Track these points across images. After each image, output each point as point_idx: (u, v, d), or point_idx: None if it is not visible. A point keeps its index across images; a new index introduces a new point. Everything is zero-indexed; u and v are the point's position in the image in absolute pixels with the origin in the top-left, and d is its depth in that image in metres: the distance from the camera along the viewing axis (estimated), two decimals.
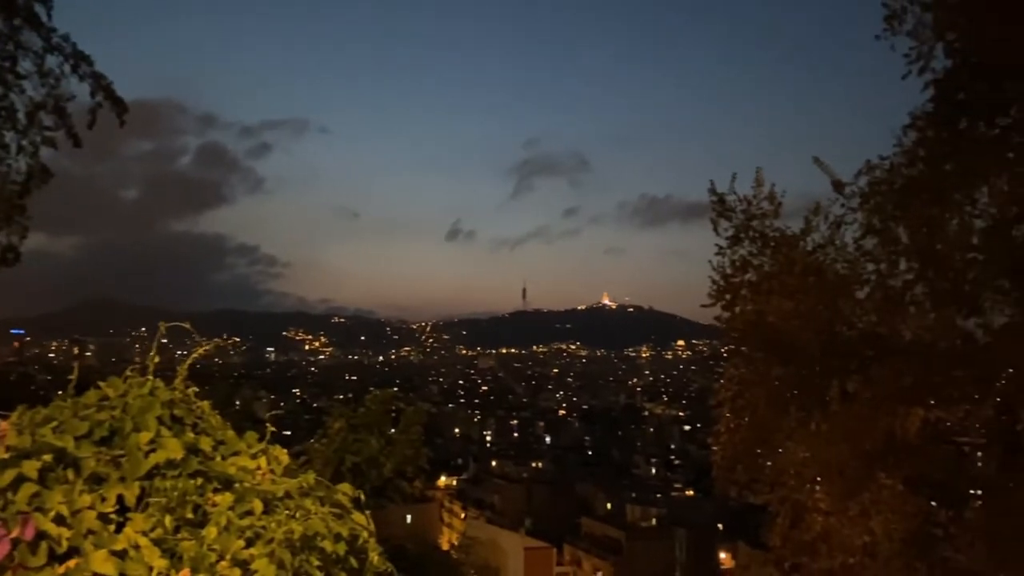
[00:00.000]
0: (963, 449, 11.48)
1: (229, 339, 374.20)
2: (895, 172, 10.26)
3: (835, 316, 11.09)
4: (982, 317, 10.20)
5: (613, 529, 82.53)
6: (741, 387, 11.70)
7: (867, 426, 10.02)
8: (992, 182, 9.81)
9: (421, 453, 21.04)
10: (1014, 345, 9.68)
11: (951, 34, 9.77)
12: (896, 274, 10.54)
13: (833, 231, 11.20)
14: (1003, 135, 9.84)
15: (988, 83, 9.65)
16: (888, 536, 10.00)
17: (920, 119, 10.07)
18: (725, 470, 12.06)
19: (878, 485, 10.08)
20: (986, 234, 10.02)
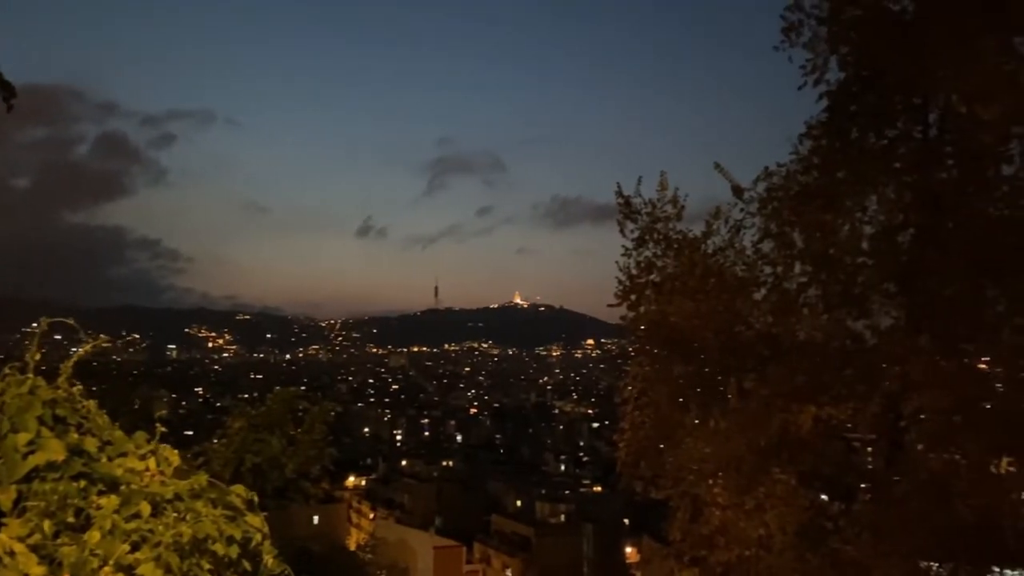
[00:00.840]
0: (852, 444, 11.99)
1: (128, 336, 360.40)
2: (791, 179, 10.69)
3: (734, 316, 11.47)
4: (870, 319, 10.74)
5: (522, 526, 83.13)
6: (645, 385, 11.99)
7: (762, 422, 10.39)
8: (880, 190, 10.34)
9: (325, 453, 20.73)
10: (899, 345, 10.20)
11: (844, 48, 10.26)
12: (791, 277, 10.98)
13: (733, 235, 11.60)
14: (891, 146, 10.40)
15: (877, 96, 10.18)
16: (782, 529, 10.38)
17: (815, 128, 10.54)
18: (629, 466, 12.32)
19: (772, 479, 10.46)
20: (874, 240, 10.55)
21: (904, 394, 10.18)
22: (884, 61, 9.96)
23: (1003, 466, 10.51)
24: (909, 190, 10.10)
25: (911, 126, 10.39)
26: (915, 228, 10.26)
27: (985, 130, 9.41)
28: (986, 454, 10.10)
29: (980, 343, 10.17)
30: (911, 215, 10.17)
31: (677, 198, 11.87)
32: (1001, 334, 10.06)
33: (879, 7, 10.21)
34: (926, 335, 10.29)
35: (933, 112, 10.30)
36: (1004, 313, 10.00)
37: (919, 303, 10.26)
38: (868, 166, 10.14)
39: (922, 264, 10.04)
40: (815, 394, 10.48)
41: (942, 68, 9.56)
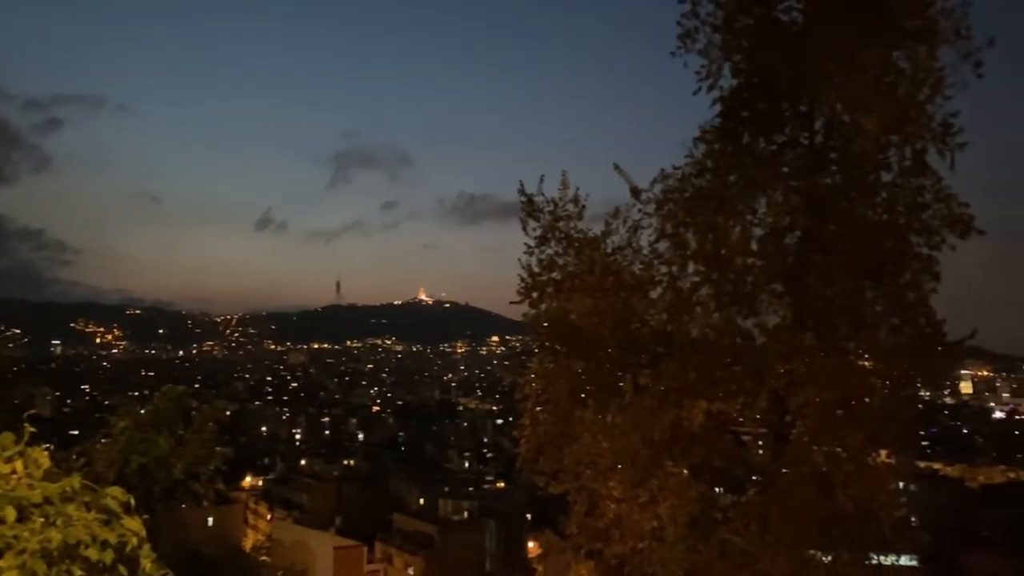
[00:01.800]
0: (741, 438, 12.40)
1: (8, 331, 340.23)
2: (686, 181, 10.99)
3: (631, 314, 11.72)
4: (759, 317, 11.14)
5: (425, 524, 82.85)
6: (545, 381, 12.11)
7: (656, 417, 10.64)
8: (769, 194, 10.74)
9: (216, 453, 20.07)
10: (786, 343, 10.62)
11: (737, 56, 10.63)
12: (685, 276, 11.28)
13: (631, 234, 11.83)
14: (780, 151, 10.84)
15: (768, 102, 10.59)
16: (674, 520, 10.67)
17: (709, 133, 10.88)
18: (529, 462, 12.43)
19: (665, 473, 10.73)
20: (763, 241, 10.96)
21: (790, 390, 10.58)
22: (774, 69, 10.37)
23: (881, 458, 11.08)
24: (796, 194, 10.54)
25: (798, 133, 10.84)
26: (801, 231, 10.71)
27: (866, 138, 9.92)
28: (865, 447, 10.60)
29: (860, 341, 10.70)
30: (797, 218, 10.60)
31: (579, 197, 12.04)
32: (879, 333, 10.61)
33: (770, 17, 10.61)
34: (811, 333, 10.74)
35: (819, 120, 10.78)
36: (882, 313, 10.54)
37: (804, 303, 10.71)
38: (758, 170, 10.53)
39: (807, 265, 10.49)
40: (707, 389, 10.80)
41: (827, 78, 10.02)
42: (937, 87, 9.92)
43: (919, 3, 9.90)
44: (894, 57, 10.05)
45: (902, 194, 10.28)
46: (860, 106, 9.80)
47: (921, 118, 9.98)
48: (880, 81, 9.78)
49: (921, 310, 10.31)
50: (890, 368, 10.80)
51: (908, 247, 10.22)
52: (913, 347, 10.43)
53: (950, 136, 9.99)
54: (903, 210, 10.26)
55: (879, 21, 9.71)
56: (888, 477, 10.99)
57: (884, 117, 9.69)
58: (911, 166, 10.16)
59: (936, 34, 9.85)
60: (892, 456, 11.90)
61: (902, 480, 13.77)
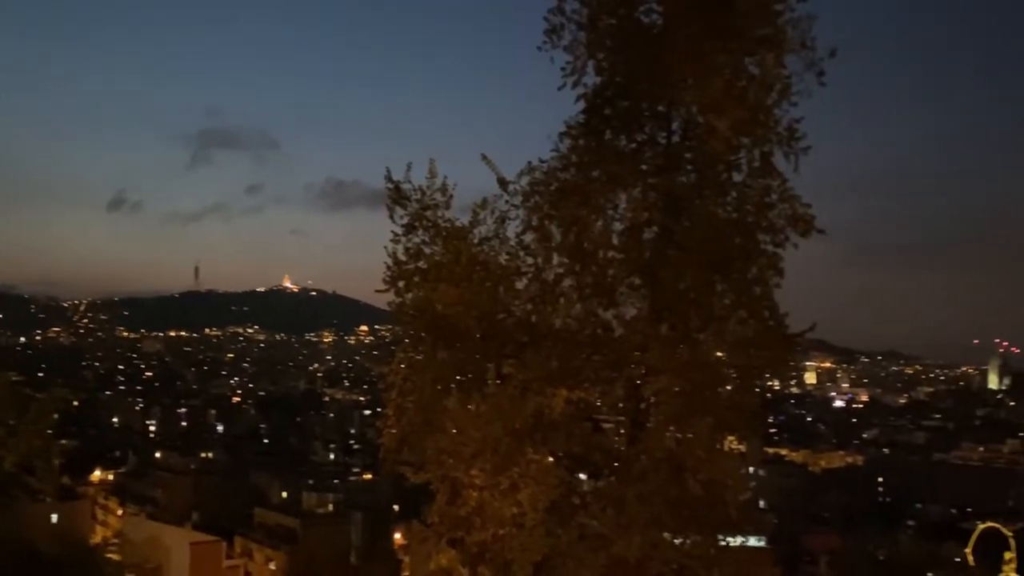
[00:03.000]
0: (600, 425, 12.78)
1: None
2: (552, 175, 11.22)
3: (496, 304, 11.87)
4: (618, 309, 11.55)
5: (287, 518, 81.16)
6: (409, 371, 12.10)
7: (519, 406, 10.84)
8: (629, 190, 11.13)
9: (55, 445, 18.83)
10: (642, 334, 11.06)
11: (600, 54, 10.93)
12: (550, 268, 11.54)
13: (498, 225, 11.96)
14: (639, 149, 11.25)
15: (629, 102, 10.96)
16: (534, 507, 10.90)
17: (573, 128, 11.15)
18: (392, 452, 12.39)
19: (527, 460, 10.94)
20: (623, 236, 11.35)
21: (646, 379, 11.02)
22: (635, 69, 10.74)
23: (729, 444, 11.69)
24: (654, 191, 10.98)
25: (657, 132, 11.28)
26: (658, 227, 11.16)
27: (719, 139, 10.45)
28: (714, 433, 11.16)
29: (711, 333, 11.26)
30: (655, 214, 11.05)
31: (447, 186, 12.04)
32: (728, 325, 11.21)
33: (631, 19, 10.97)
34: (666, 325, 11.22)
35: (676, 120, 11.25)
36: (731, 306, 11.14)
37: (660, 295, 11.17)
38: (619, 167, 10.89)
39: (663, 260, 10.96)
40: (568, 378, 11.11)
41: (683, 80, 10.48)
42: (784, 93, 10.56)
43: (769, 13, 10.49)
44: (745, 63, 10.62)
45: (751, 194, 10.89)
46: (713, 108, 10.31)
47: (769, 122, 10.60)
48: (732, 85, 10.31)
49: (766, 304, 10.96)
50: (738, 359, 11.41)
51: (755, 244, 10.84)
52: (759, 339, 11.07)
53: (795, 140, 10.66)
54: (751, 209, 10.86)
55: (732, 28, 10.22)
56: (736, 462, 11.57)
57: (735, 120, 10.23)
58: (759, 167, 10.78)
59: (784, 43, 10.46)
60: (741, 442, 12.58)
61: (750, 465, 14.54)
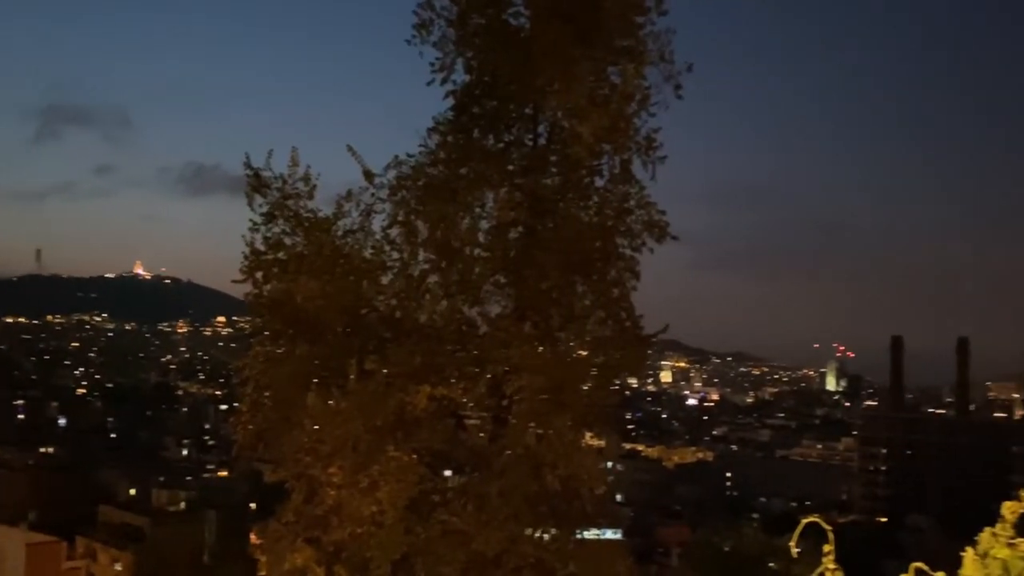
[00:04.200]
0: (463, 422, 12.86)
1: None
2: (420, 170, 11.18)
3: (359, 299, 11.69)
4: (483, 306, 11.66)
5: (135, 516, 77.57)
6: (266, 365, 11.75)
7: (381, 402, 10.75)
8: (496, 189, 11.26)
9: None
10: (505, 332, 11.19)
11: (469, 52, 11.01)
12: (415, 263, 11.48)
13: (364, 218, 11.75)
14: (506, 149, 11.39)
15: (496, 102, 11.08)
16: (393, 504, 10.83)
17: (442, 125, 11.16)
18: (247, 449, 12.02)
19: (387, 457, 10.84)
20: (490, 234, 11.46)
21: (508, 376, 11.16)
22: (502, 71, 10.88)
23: (587, 440, 12.01)
24: (520, 191, 11.15)
25: (524, 133, 11.46)
26: (523, 226, 11.35)
27: (582, 144, 10.73)
28: (572, 430, 11.44)
29: (571, 332, 11.55)
30: (520, 214, 11.22)
31: (310, 176, 11.74)
32: (587, 325, 11.54)
33: (500, 20, 11.11)
34: (529, 323, 11.41)
35: (543, 123, 11.47)
36: (590, 307, 11.47)
37: (524, 294, 11.36)
38: (487, 166, 10.99)
39: (527, 259, 11.14)
40: (431, 375, 11.09)
41: (549, 85, 10.70)
42: (643, 103, 10.97)
43: (631, 25, 10.87)
44: (608, 72, 10.96)
45: (611, 199, 11.25)
46: (577, 114, 10.58)
47: (629, 131, 10.99)
48: (595, 93, 10.62)
49: (623, 305, 11.35)
50: (597, 357, 11.76)
51: (614, 247, 11.20)
52: (616, 338, 11.45)
53: (652, 149, 11.10)
54: (611, 213, 11.23)
55: (595, 37, 10.54)
56: (593, 457, 11.90)
57: (597, 126, 10.54)
58: (619, 174, 11.17)
59: (644, 55, 10.87)
60: (599, 438, 12.92)
61: (608, 460, 14.91)
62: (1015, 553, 2.64)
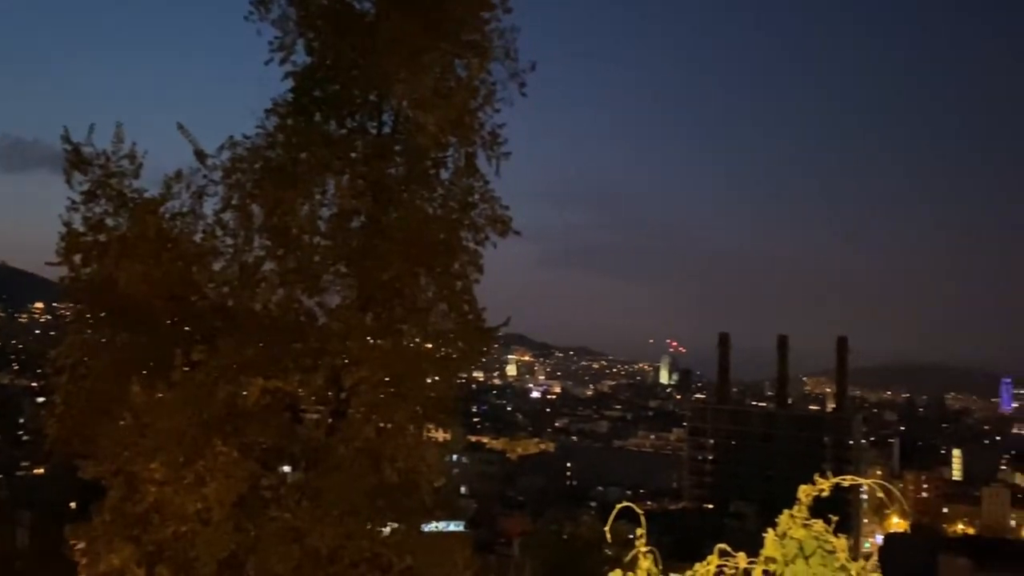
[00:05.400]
0: (300, 416, 12.50)
1: None
2: (256, 152, 10.74)
3: (188, 285, 11.12)
4: (322, 296, 11.34)
5: None
6: (83, 354, 10.96)
7: (209, 395, 10.26)
8: (338, 176, 10.98)
9: None
10: (345, 323, 10.95)
11: (311, 34, 10.68)
12: (250, 250, 11.03)
13: (195, 201, 11.17)
14: (350, 135, 11.14)
15: (339, 86, 10.80)
16: (220, 501, 10.37)
17: (281, 106, 10.77)
18: (61, 443, 11.19)
19: (215, 452, 10.37)
20: (331, 222, 11.17)
21: (347, 368, 10.94)
22: (347, 55, 10.62)
23: (428, 433, 11.95)
24: (363, 179, 10.93)
25: (368, 121, 11.26)
26: (366, 216, 11.14)
27: (426, 135, 10.66)
28: (413, 423, 11.37)
29: (413, 324, 11.45)
30: (363, 203, 11.01)
31: (135, 154, 11.01)
32: (430, 317, 11.47)
33: (344, 3, 10.85)
34: (370, 315, 11.22)
35: (387, 111, 11.30)
36: (433, 299, 11.42)
37: (366, 285, 11.15)
38: (329, 152, 10.71)
39: (370, 249, 10.93)
40: (265, 367, 10.69)
41: (395, 73, 10.54)
42: (488, 99, 11.04)
43: (477, 19, 10.92)
44: (455, 65, 10.93)
45: (455, 192, 11.25)
46: (422, 105, 10.50)
47: (474, 124, 11.02)
48: (440, 84, 10.58)
49: (466, 298, 11.36)
50: (438, 350, 11.72)
51: (458, 240, 11.21)
52: (459, 331, 11.45)
53: (497, 144, 11.19)
54: (455, 206, 11.23)
55: (442, 29, 10.50)
56: (433, 450, 11.88)
57: (442, 118, 10.51)
58: (464, 167, 11.18)
59: (489, 50, 10.94)
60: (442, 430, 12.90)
61: (453, 453, 14.97)
62: (809, 533, 2.81)
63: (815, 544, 2.88)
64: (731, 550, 2.85)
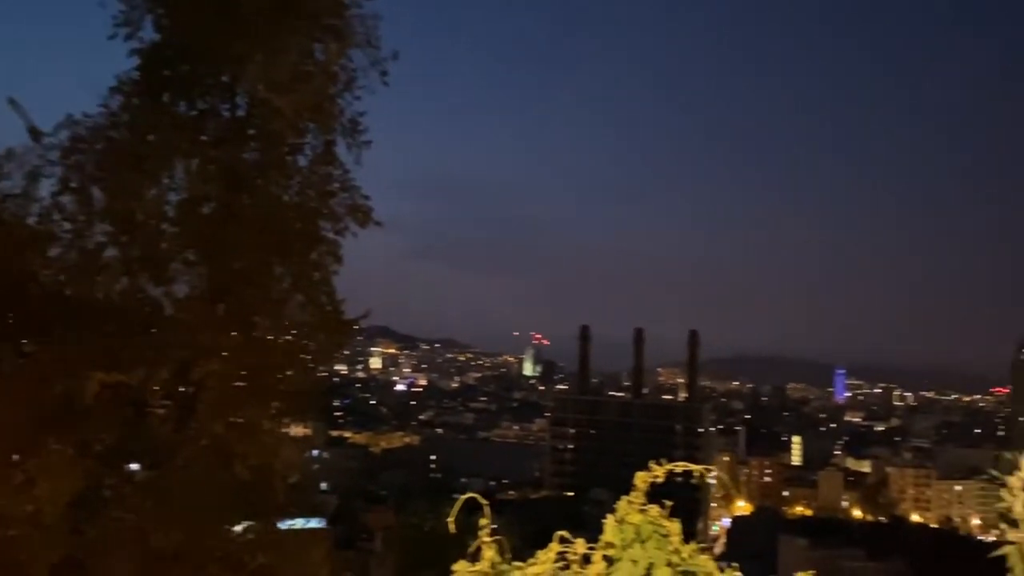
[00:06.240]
0: (145, 411, 11.92)
1: None
2: (98, 133, 10.13)
3: (20, 272, 10.36)
4: (170, 286, 10.84)
5: None
6: None
7: (43, 390, 9.63)
8: (189, 160, 10.51)
9: None
10: (194, 314, 10.52)
11: (160, 9, 10.16)
12: (91, 235, 10.40)
13: (28, 182, 10.40)
14: (201, 117, 10.67)
15: (190, 66, 10.32)
16: (54, 503, 9.76)
17: (127, 85, 10.20)
18: None
19: (47, 451, 9.76)
20: (180, 208, 10.68)
21: (195, 361, 10.51)
22: (198, 34, 10.16)
23: (285, 428, 11.67)
24: (215, 164, 10.51)
25: (220, 103, 10.81)
26: (218, 202, 10.70)
27: (283, 120, 10.35)
28: (268, 418, 11.07)
29: (268, 316, 11.13)
30: (215, 189, 10.58)
31: None
32: (286, 309, 11.18)
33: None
34: (223, 306, 10.82)
35: (242, 94, 10.89)
36: (290, 289, 11.13)
37: (217, 274, 10.74)
38: (178, 134, 10.23)
39: (222, 237, 10.52)
40: (105, 360, 10.13)
41: (250, 54, 10.18)
42: (349, 85, 10.85)
43: (338, 4, 10.69)
44: (314, 49, 10.67)
45: (314, 180, 10.99)
46: (278, 88, 10.18)
47: (333, 110, 10.79)
48: (298, 68, 10.30)
49: (325, 289, 11.14)
50: (295, 342, 11.45)
51: (316, 229, 10.96)
52: (316, 323, 11.22)
53: (358, 132, 11.00)
54: (314, 195, 10.97)
55: (301, 12, 10.23)
56: (288, 446, 11.63)
57: (298, 102, 10.25)
58: (323, 154, 10.94)
59: (349, 36, 10.73)
60: (300, 426, 12.61)
61: (314, 448, 14.72)
62: (645, 518, 2.92)
63: (651, 528, 3.00)
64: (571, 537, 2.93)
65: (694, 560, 2.95)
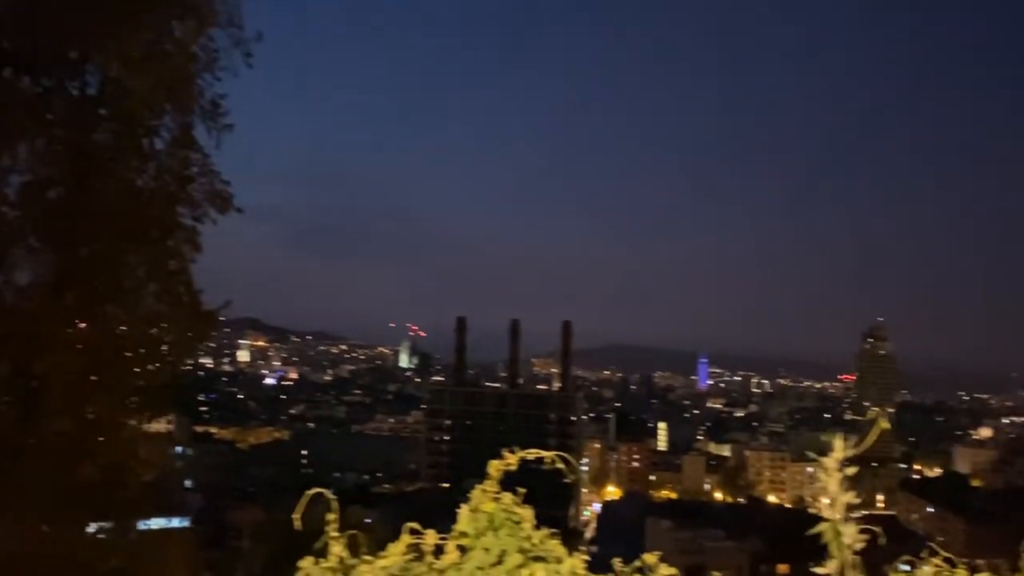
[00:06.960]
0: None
1: None
2: None
3: None
4: (10, 274, 10.15)
5: None
6: None
7: None
8: (33, 140, 9.84)
9: None
10: (38, 304, 9.88)
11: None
12: None
13: None
14: (46, 95, 9.98)
15: (33, 40, 9.63)
16: None
17: None
18: None
19: None
20: (22, 191, 9.99)
21: (38, 354, 9.89)
22: (43, 6, 9.51)
23: (141, 424, 11.15)
24: (62, 145, 9.87)
25: (67, 80, 10.15)
26: (65, 186, 10.08)
27: (137, 100, 9.83)
28: (120, 414, 10.54)
29: (119, 306, 10.57)
30: (62, 171, 9.96)
31: None
32: (140, 298, 10.65)
33: None
34: (69, 295, 10.21)
35: (92, 72, 10.26)
36: (143, 279, 10.60)
37: (64, 262, 10.13)
38: (20, 112, 9.55)
39: (69, 223, 9.92)
40: None
41: (101, 30, 9.59)
42: (209, 66, 10.39)
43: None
44: (172, 28, 10.17)
45: (171, 164, 10.49)
46: (132, 67, 9.66)
47: (191, 91, 10.31)
48: (154, 46, 9.81)
49: (182, 279, 10.69)
50: (151, 334, 10.95)
51: (173, 216, 10.48)
52: (172, 314, 10.75)
53: (219, 115, 10.57)
54: (171, 179, 10.48)
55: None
56: (144, 443, 11.17)
57: (155, 82, 9.75)
58: (180, 137, 10.45)
59: (209, 15, 10.28)
60: (157, 421, 12.06)
61: (177, 445, 14.15)
62: (499, 506, 2.94)
63: (504, 516, 3.02)
64: (421, 528, 2.92)
65: (545, 545, 3.00)
